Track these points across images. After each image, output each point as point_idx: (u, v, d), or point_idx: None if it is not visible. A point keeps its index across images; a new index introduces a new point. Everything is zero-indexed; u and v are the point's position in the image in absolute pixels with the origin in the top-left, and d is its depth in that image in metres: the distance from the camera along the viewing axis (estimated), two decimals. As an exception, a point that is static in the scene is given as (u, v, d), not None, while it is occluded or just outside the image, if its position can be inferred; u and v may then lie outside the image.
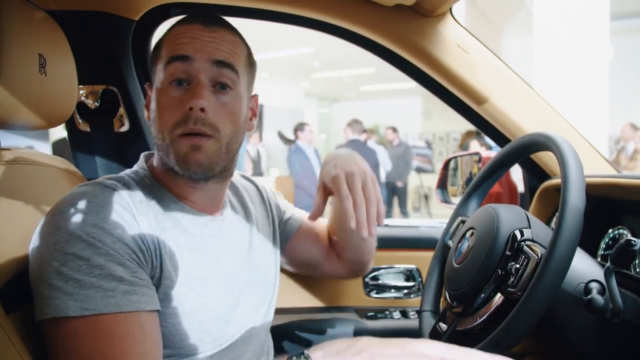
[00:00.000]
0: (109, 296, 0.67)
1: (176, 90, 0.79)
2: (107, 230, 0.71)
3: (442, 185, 1.54)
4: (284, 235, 1.11)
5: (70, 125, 1.28)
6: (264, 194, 1.10)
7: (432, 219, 8.31)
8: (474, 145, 5.91)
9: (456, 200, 1.45)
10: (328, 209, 1.06)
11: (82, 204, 0.72)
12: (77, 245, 0.68)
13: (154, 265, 0.75)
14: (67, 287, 0.67)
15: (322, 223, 1.17)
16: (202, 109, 0.77)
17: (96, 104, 1.26)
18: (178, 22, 0.85)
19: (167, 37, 0.84)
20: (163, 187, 0.85)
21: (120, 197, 0.76)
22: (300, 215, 1.14)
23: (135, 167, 0.89)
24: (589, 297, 0.74)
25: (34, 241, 0.72)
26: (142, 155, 0.91)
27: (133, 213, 0.75)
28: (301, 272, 1.26)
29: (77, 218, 0.70)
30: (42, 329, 0.69)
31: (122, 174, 0.85)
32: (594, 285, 0.77)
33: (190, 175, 0.81)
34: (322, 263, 1.16)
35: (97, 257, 0.68)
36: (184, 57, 0.79)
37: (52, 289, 0.67)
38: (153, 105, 0.83)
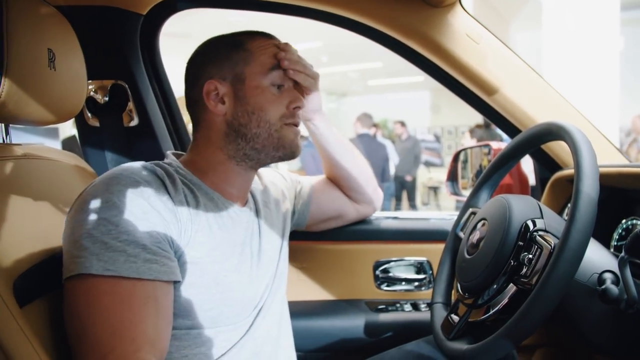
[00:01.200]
0: (131, 261, 0.73)
1: (275, 89, 0.94)
2: (141, 200, 0.77)
3: (453, 177, 1.54)
4: (304, 201, 1.24)
5: (80, 120, 1.29)
6: (271, 181, 1.16)
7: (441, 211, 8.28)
8: (466, 138, 5.89)
9: (466, 192, 1.44)
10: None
11: (121, 178, 0.79)
12: (110, 211, 0.74)
13: (185, 235, 0.82)
14: (95, 247, 0.72)
15: (327, 180, 1.30)
16: None
17: (105, 98, 1.27)
18: (256, 34, 0.96)
19: (253, 44, 0.94)
20: (196, 177, 0.92)
21: (157, 176, 0.83)
22: (308, 180, 1.29)
23: (166, 160, 0.94)
24: (603, 287, 0.73)
25: (73, 208, 0.78)
26: (169, 153, 0.97)
27: (168, 189, 0.82)
28: (332, 226, 1.35)
29: (114, 188, 0.77)
30: (66, 290, 0.73)
31: (156, 162, 0.91)
32: (607, 275, 0.76)
33: (286, 157, 0.96)
34: (342, 211, 1.32)
35: (126, 224, 0.74)
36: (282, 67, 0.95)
37: (81, 249, 0.72)
38: (253, 99, 0.92)
